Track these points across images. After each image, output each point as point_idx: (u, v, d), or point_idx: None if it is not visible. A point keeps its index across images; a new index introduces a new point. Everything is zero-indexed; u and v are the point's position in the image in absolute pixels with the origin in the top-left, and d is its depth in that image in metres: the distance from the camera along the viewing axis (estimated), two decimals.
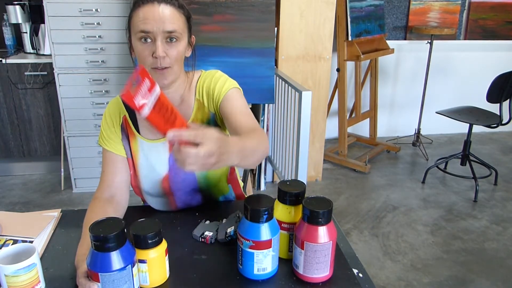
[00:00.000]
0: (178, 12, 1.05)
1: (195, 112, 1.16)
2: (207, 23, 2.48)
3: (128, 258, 0.79)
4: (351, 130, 4.05)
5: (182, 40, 1.06)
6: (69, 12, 2.55)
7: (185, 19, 1.08)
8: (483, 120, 2.92)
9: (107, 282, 0.77)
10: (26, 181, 3.09)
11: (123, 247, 0.79)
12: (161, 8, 1.02)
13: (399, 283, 2.09)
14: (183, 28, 1.07)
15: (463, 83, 4.18)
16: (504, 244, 2.42)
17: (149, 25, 1.01)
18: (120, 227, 0.79)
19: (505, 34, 4.09)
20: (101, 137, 1.19)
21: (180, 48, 1.07)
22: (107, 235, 0.76)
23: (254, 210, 0.84)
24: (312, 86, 3.02)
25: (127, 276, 0.79)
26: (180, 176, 1.19)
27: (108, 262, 0.77)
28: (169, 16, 1.02)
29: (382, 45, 3.52)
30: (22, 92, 2.87)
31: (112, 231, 0.77)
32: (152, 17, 1.01)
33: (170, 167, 1.18)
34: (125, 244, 0.79)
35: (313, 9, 2.85)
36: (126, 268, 0.78)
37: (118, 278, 0.78)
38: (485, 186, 3.13)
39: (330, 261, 0.88)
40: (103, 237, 0.75)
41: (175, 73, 1.09)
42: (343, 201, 2.90)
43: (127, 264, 0.79)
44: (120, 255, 0.78)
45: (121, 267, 0.78)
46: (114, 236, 0.76)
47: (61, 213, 1.17)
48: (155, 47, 1.02)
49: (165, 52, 1.03)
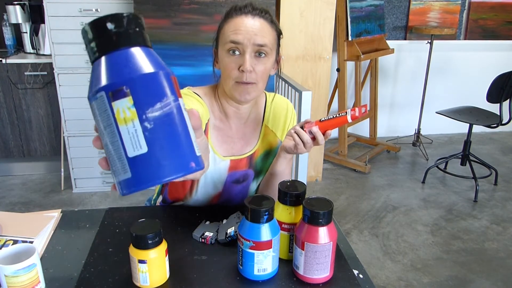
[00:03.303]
0: (270, 27, 1.02)
1: (262, 138, 1.16)
2: (207, 23, 2.48)
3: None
4: (351, 130, 4.05)
5: (270, 56, 1.04)
6: (69, 12, 2.55)
7: (275, 35, 1.05)
8: (483, 120, 2.92)
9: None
10: (26, 181, 3.09)
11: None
12: (254, 20, 0.99)
13: (399, 283, 2.08)
14: (273, 44, 1.04)
15: (463, 83, 4.18)
16: (504, 244, 2.42)
17: (240, 35, 0.98)
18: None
19: (505, 34, 4.09)
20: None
21: (268, 65, 1.04)
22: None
23: (255, 210, 0.84)
24: (312, 86, 3.02)
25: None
26: (232, 197, 1.18)
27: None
28: (261, 29, 1.00)
29: (382, 45, 3.52)
30: (22, 92, 2.87)
31: None
32: (244, 28, 0.98)
33: (226, 187, 1.16)
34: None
35: (313, 9, 2.85)
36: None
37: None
38: (485, 186, 3.13)
39: (330, 262, 0.88)
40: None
41: (259, 89, 1.05)
42: (343, 201, 2.90)
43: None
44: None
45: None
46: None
47: (61, 213, 1.17)
48: (242, 60, 0.99)
49: (252, 67, 1.00)
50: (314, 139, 1.00)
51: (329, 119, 1.01)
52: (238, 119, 1.14)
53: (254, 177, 1.18)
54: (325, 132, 1.00)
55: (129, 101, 0.42)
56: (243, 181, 1.17)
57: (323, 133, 1.00)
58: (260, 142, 1.16)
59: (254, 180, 1.19)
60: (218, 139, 1.12)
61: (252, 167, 1.16)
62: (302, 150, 1.01)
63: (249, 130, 1.16)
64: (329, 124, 1.01)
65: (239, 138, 1.15)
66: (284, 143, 1.04)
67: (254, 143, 1.16)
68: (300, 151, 1.01)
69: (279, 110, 1.18)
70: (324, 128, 1.01)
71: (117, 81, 0.43)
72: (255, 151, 1.16)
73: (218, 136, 1.12)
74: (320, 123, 1.01)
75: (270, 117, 1.18)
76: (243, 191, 1.19)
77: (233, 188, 1.17)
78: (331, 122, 1.01)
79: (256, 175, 1.18)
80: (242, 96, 1.04)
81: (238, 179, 1.16)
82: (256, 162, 1.17)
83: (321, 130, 1.01)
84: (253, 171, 1.17)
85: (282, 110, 1.18)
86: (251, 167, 1.16)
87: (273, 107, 1.18)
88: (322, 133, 1.00)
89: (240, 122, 1.14)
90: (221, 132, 1.13)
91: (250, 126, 1.16)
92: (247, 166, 1.15)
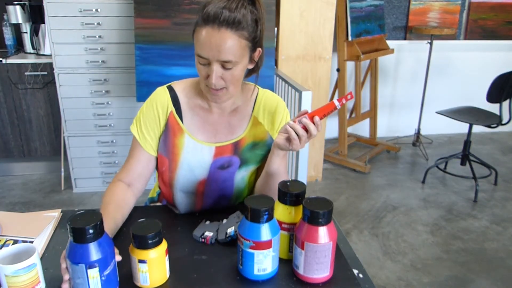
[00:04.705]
0: (237, 37, 0.98)
1: (250, 127, 1.18)
2: None
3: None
4: (351, 130, 4.05)
5: (239, 64, 1.03)
6: (69, 12, 2.55)
7: (245, 42, 1.01)
8: (483, 120, 2.92)
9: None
10: (26, 181, 3.09)
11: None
12: (220, 34, 0.97)
13: (399, 283, 2.09)
14: (242, 53, 1.02)
15: (463, 83, 4.19)
16: (504, 244, 2.42)
17: (204, 51, 0.99)
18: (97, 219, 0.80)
19: (505, 34, 4.09)
20: (137, 125, 1.16)
21: (237, 72, 1.04)
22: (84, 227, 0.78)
23: (255, 210, 0.84)
24: (312, 86, 3.02)
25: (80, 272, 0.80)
26: (218, 184, 1.19)
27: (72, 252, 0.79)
28: (227, 45, 0.97)
29: (382, 45, 3.52)
30: (22, 92, 2.87)
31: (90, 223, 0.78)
32: (208, 44, 0.98)
33: (211, 173, 1.17)
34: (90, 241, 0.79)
35: (313, 9, 2.85)
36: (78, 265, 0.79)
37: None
38: (485, 186, 3.13)
39: (330, 262, 0.88)
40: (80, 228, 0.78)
41: (230, 93, 1.07)
42: (343, 201, 2.90)
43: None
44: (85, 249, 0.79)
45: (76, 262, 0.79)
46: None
47: (61, 213, 1.17)
48: (210, 71, 1.01)
49: (220, 77, 1.02)
50: (307, 131, 1.00)
51: (317, 109, 1.02)
52: (220, 110, 1.17)
53: (240, 165, 1.19)
54: (312, 118, 1.00)
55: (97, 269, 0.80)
56: (227, 167, 1.18)
57: (311, 121, 1.00)
58: (248, 131, 1.18)
59: (241, 169, 1.19)
60: (199, 127, 1.16)
61: (238, 154, 1.18)
62: (297, 146, 1.01)
63: (235, 120, 1.18)
64: (317, 112, 1.01)
65: (224, 127, 1.17)
66: (277, 140, 1.05)
67: (241, 131, 1.18)
68: (295, 146, 1.01)
69: (270, 104, 1.19)
70: (312, 115, 1.01)
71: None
72: (242, 139, 1.18)
73: (200, 124, 1.16)
74: (309, 114, 1.02)
75: (260, 109, 1.19)
76: (228, 178, 1.19)
77: (218, 174, 1.18)
78: (319, 109, 1.02)
79: (242, 164, 1.19)
80: (213, 99, 1.09)
81: (223, 164, 1.17)
82: (243, 150, 1.18)
83: (310, 118, 1.00)
84: (238, 159, 1.18)
85: (272, 105, 1.19)
86: (236, 154, 1.17)
87: (263, 101, 1.20)
88: (311, 122, 1.00)
89: (224, 112, 1.17)
90: (203, 121, 1.16)
91: (236, 116, 1.18)
92: (232, 153, 1.17)
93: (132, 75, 2.71)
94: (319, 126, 1.01)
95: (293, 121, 1.01)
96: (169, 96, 1.15)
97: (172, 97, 1.15)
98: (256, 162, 1.21)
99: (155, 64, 2.44)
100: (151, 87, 2.42)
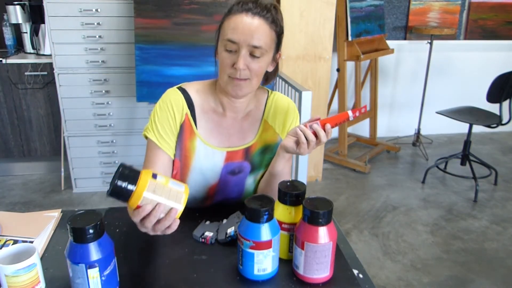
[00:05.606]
0: (269, 28, 1.03)
1: (261, 132, 1.18)
2: (207, 23, 2.48)
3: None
4: (351, 130, 4.05)
5: (266, 56, 1.05)
6: (69, 12, 2.55)
7: (274, 36, 1.06)
8: (483, 120, 2.92)
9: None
10: (26, 181, 3.09)
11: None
12: (253, 20, 1.01)
13: (399, 283, 2.09)
14: (270, 45, 1.05)
15: (463, 83, 4.19)
16: (504, 244, 2.42)
17: (236, 35, 1.00)
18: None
19: (505, 34, 4.10)
20: (152, 129, 1.11)
21: (262, 64, 1.05)
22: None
23: (255, 210, 0.84)
24: (312, 86, 3.02)
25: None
26: (228, 189, 1.19)
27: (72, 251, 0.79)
28: (259, 31, 1.01)
29: (382, 45, 3.52)
30: (22, 92, 2.87)
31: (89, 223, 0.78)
32: (241, 28, 1.00)
33: (222, 177, 1.17)
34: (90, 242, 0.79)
35: (313, 9, 2.85)
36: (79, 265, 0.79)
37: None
38: (485, 186, 3.13)
39: (330, 262, 0.88)
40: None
41: (252, 86, 1.08)
42: (343, 201, 2.90)
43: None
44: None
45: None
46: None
47: (61, 213, 1.17)
48: (237, 58, 1.01)
49: (246, 65, 1.02)
50: (316, 137, 1.00)
51: (330, 117, 1.02)
52: (234, 113, 1.16)
53: (251, 171, 1.19)
54: (324, 126, 1.00)
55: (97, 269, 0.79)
56: (238, 173, 1.18)
57: (323, 128, 1.00)
58: (259, 136, 1.18)
59: (252, 175, 1.19)
60: (212, 131, 1.15)
61: (248, 160, 1.17)
62: (304, 150, 1.01)
63: (247, 124, 1.17)
64: (329, 120, 1.02)
65: (236, 131, 1.17)
66: (284, 142, 1.04)
67: (252, 137, 1.18)
68: (303, 151, 1.01)
69: (280, 107, 1.19)
70: (324, 123, 1.01)
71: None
72: (253, 145, 1.17)
73: (213, 128, 1.15)
74: (321, 121, 1.02)
75: (271, 112, 1.19)
76: (239, 183, 1.19)
77: (229, 179, 1.18)
78: (332, 118, 1.02)
79: (253, 169, 1.19)
80: (234, 91, 1.07)
81: (234, 170, 1.17)
82: (253, 155, 1.18)
83: (321, 125, 1.01)
84: (249, 164, 1.18)
85: (283, 107, 1.20)
86: (247, 159, 1.17)
87: (274, 103, 1.20)
88: (323, 130, 1.00)
89: (237, 116, 1.16)
90: (216, 125, 1.15)
91: (248, 120, 1.18)
92: (243, 158, 1.17)
93: (132, 75, 2.71)
94: (330, 134, 1.01)
95: (304, 126, 1.01)
96: (183, 97, 1.13)
97: (186, 99, 1.13)
98: (266, 166, 1.21)
99: (155, 64, 2.44)
100: (151, 87, 2.42)
